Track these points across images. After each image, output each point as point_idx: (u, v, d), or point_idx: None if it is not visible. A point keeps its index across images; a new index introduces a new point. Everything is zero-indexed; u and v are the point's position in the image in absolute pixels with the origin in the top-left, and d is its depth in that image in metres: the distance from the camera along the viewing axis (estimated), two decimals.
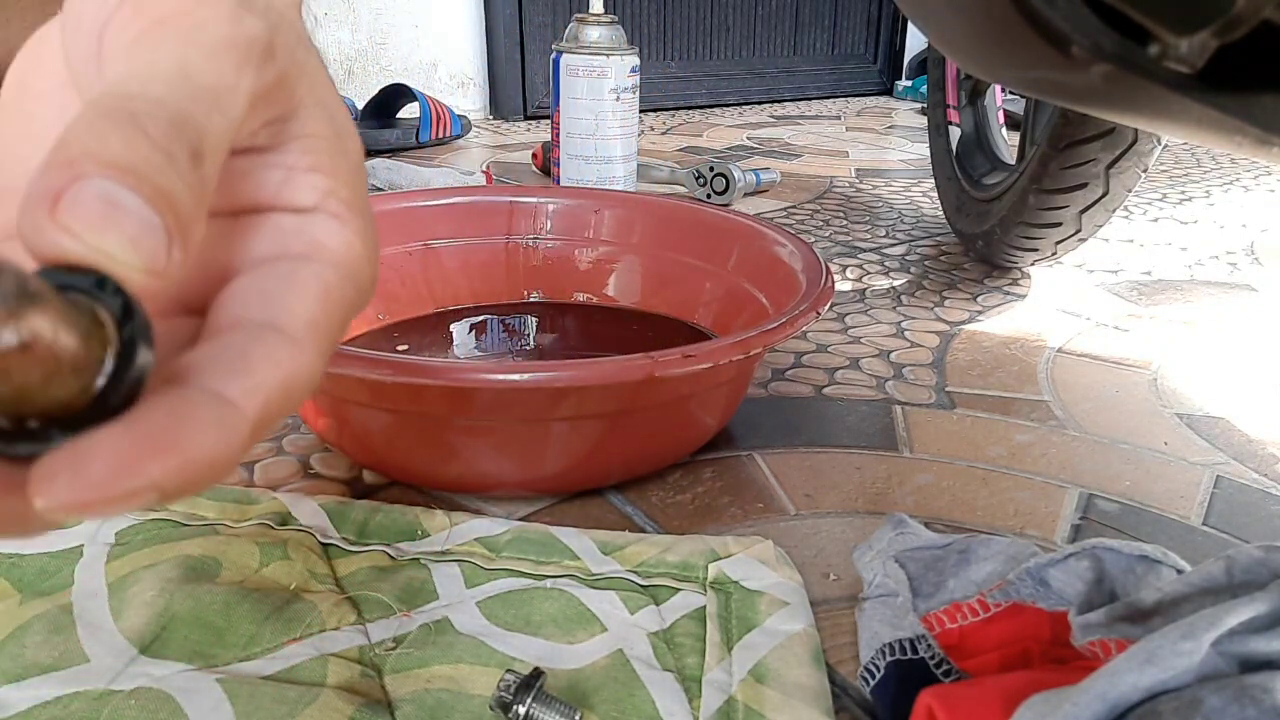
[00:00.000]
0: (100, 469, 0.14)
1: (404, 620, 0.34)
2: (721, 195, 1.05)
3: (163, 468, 0.14)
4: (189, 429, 0.15)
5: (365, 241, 0.20)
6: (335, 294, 0.19)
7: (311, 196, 0.20)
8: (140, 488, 0.14)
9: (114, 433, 0.14)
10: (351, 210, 0.20)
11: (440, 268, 0.62)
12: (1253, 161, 1.40)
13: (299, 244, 0.19)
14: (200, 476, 0.15)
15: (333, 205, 0.20)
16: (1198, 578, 0.26)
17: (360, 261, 0.20)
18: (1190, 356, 0.65)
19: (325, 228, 0.19)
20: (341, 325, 0.19)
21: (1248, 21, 0.30)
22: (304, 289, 0.18)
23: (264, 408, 0.16)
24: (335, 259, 0.19)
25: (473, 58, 1.69)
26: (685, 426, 0.46)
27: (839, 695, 0.32)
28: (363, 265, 0.20)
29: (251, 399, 0.16)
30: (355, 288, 0.19)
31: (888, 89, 2.21)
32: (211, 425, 0.15)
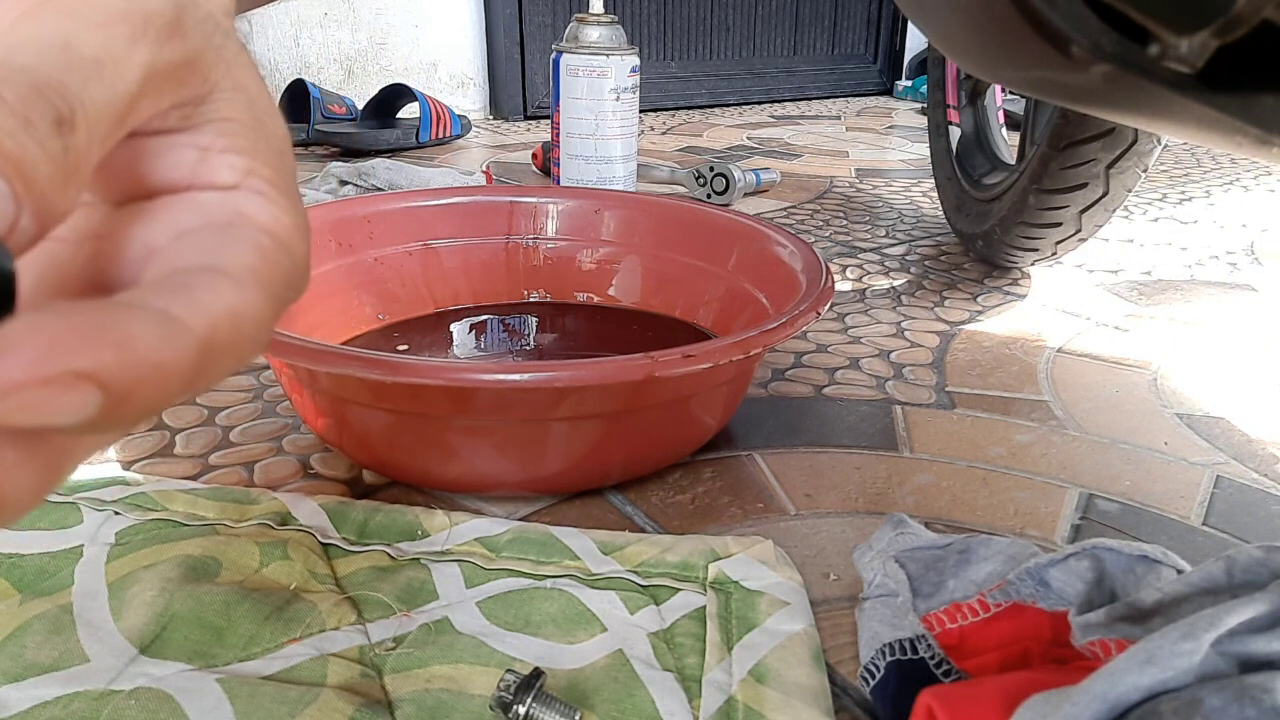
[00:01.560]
0: (31, 348, 0.12)
1: (404, 620, 0.34)
2: (721, 195, 1.05)
3: (98, 357, 0.13)
4: (129, 322, 0.13)
5: (295, 219, 0.19)
6: (271, 256, 0.18)
7: (231, 175, 0.18)
8: (77, 372, 0.13)
9: (45, 318, 0.13)
10: (276, 189, 0.19)
11: (440, 268, 0.62)
12: (1253, 161, 1.40)
13: (223, 214, 0.18)
14: (144, 380, 0.13)
15: (255, 183, 0.18)
16: (1198, 578, 0.26)
17: (291, 236, 0.18)
18: (1190, 356, 0.65)
19: (249, 201, 0.18)
20: (281, 293, 0.18)
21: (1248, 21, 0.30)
22: (239, 243, 0.17)
23: (211, 330, 0.15)
24: (264, 228, 0.18)
25: (473, 58, 1.69)
26: (685, 426, 0.46)
27: (839, 695, 0.32)
28: (294, 240, 0.19)
29: (198, 317, 0.15)
30: (290, 260, 0.18)
31: (888, 89, 2.21)
32: (155, 325, 0.14)
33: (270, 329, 0.17)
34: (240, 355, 0.16)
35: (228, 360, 0.16)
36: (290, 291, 0.18)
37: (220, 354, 0.15)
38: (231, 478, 0.44)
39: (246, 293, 0.16)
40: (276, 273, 0.17)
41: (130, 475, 0.43)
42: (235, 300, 0.16)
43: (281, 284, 0.18)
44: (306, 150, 1.31)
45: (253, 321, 0.16)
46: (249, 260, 0.17)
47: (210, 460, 0.46)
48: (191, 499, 0.41)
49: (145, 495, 0.41)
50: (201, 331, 0.15)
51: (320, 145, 1.31)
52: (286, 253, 0.18)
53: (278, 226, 0.18)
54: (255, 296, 0.16)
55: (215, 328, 0.15)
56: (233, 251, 0.17)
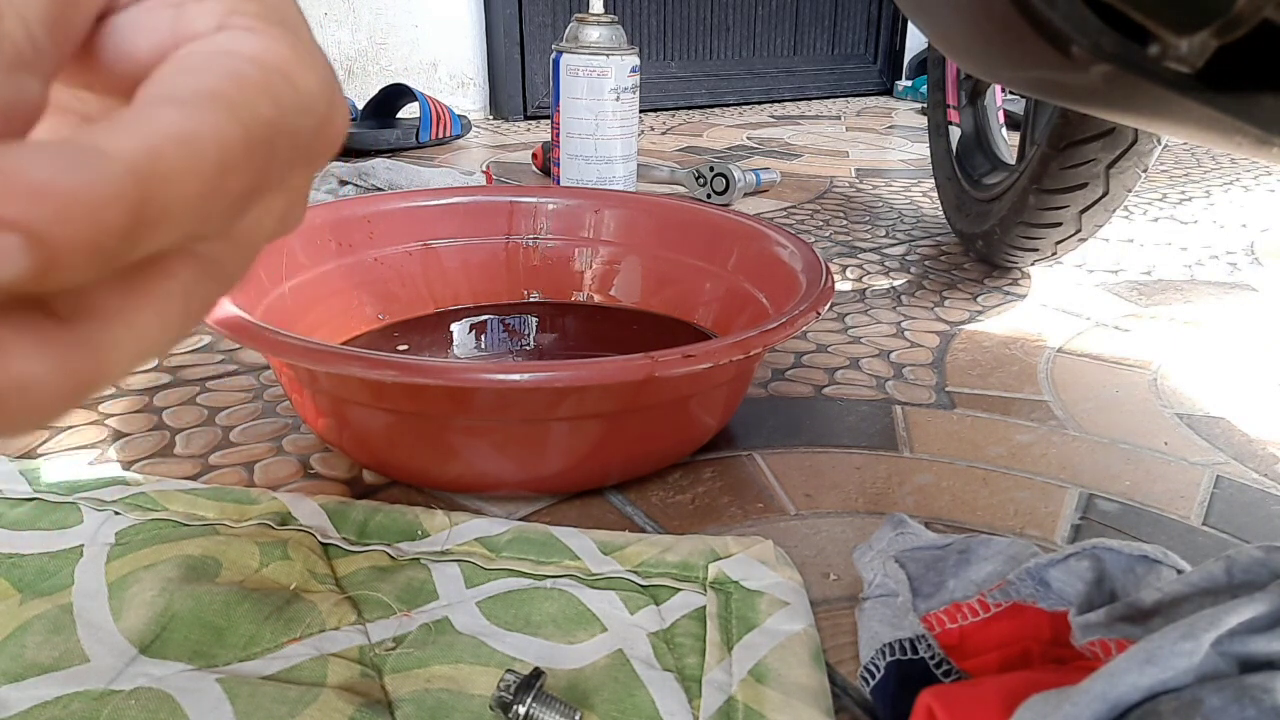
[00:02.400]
0: None
1: (404, 620, 0.34)
2: (721, 195, 1.05)
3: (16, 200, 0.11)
4: (27, 158, 0.12)
5: (295, 50, 0.16)
6: (253, 81, 0.15)
7: (210, 20, 0.16)
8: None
9: None
10: (266, 21, 0.16)
11: (440, 268, 0.62)
12: (1253, 161, 1.40)
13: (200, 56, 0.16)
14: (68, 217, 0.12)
15: (239, 20, 0.16)
16: (1198, 578, 0.26)
17: (291, 64, 0.16)
18: (1190, 356, 0.65)
19: (234, 38, 0.16)
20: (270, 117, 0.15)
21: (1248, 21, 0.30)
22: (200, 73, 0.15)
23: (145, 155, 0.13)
24: (251, 57, 0.15)
25: (473, 58, 1.69)
26: (685, 426, 0.46)
27: (839, 695, 0.32)
28: (296, 69, 0.16)
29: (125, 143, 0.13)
30: (291, 88, 0.16)
31: (888, 89, 2.21)
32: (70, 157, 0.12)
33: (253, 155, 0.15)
34: (209, 183, 0.14)
35: (191, 189, 0.14)
36: (294, 116, 0.16)
37: (173, 183, 0.13)
38: (231, 478, 0.44)
39: (197, 113, 0.14)
40: (260, 97, 0.15)
41: (130, 475, 0.43)
42: (179, 121, 0.14)
43: (271, 110, 0.15)
44: None
45: (213, 142, 0.14)
46: (209, 84, 0.15)
47: (210, 460, 0.46)
48: (191, 499, 0.41)
49: (145, 495, 0.41)
50: (128, 156, 0.13)
51: None
52: (282, 78, 0.16)
53: (268, 54, 0.16)
54: (211, 116, 0.14)
55: (152, 152, 0.13)
56: (188, 80, 0.15)
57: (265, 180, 0.15)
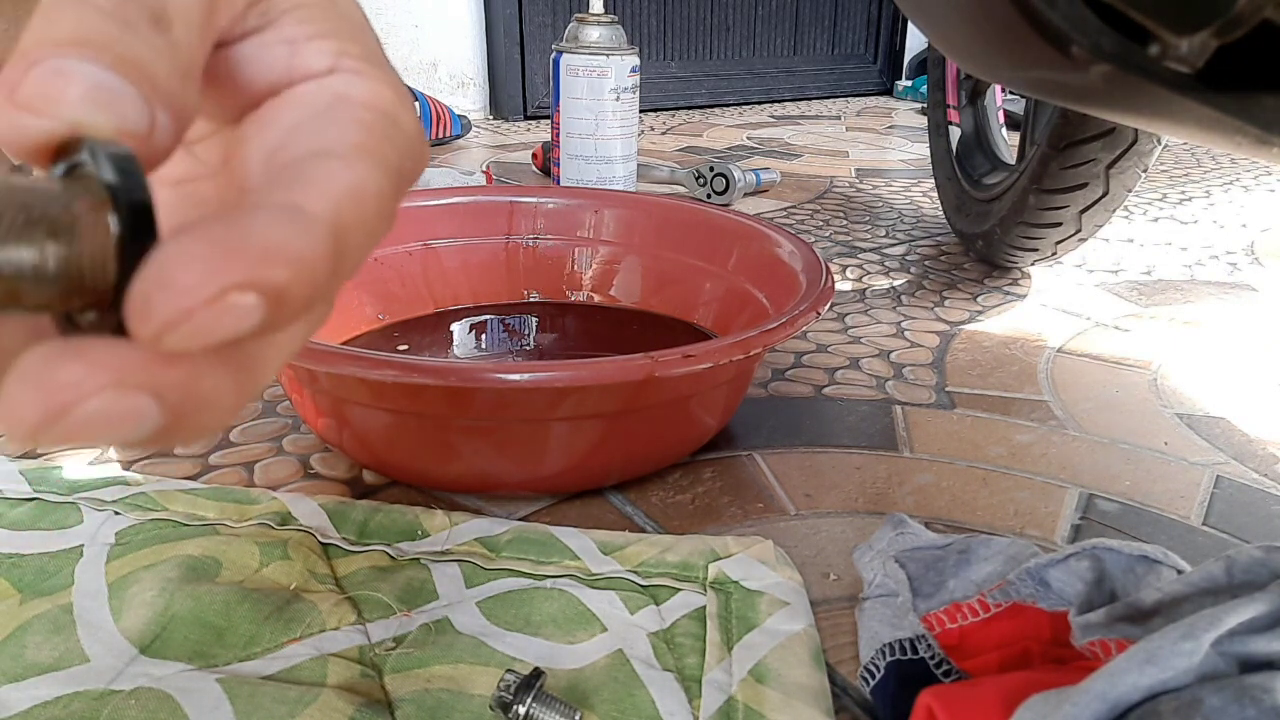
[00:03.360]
0: (188, 275, 0.13)
1: (404, 620, 0.34)
2: (721, 195, 1.05)
3: (248, 266, 0.13)
4: (263, 225, 0.14)
5: (396, 91, 0.18)
6: (376, 129, 0.17)
7: (324, 60, 0.18)
8: (235, 285, 0.13)
9: (183, 243, 0.13)
10: (370, 64, 0.18)
11: (440, 268, 0.62)
12: (1253, 161, 1.40)
13: (324, 99, 0.18)
14: (294, 275, 0.14)
15: (348, 63, 0.18)
16: (1198, 578, 0.26)
17: (394, 106, 0.18)
18: (1190, 356, 0.65)
19: (346, 82, 0.18)
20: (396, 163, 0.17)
21: (1248, 21, 0.30)
22: (341, 123, 0.17)
23: (335, 211, 0.15)
24: (366, 103, 0.18)
25: (473, 58, 1.69)
26: (685, 426, 0.46)
27: (839, 695, 0.32)
28: (398, 110, 0.18)
29: (319, 203, 0.15)
30: (399, 130, 0.18)
31: (888, 89, 2.21)
32: (286, 221, 0.14)
33: (393, 202, 0.17)
34: (370, 232, 0.16)
35: (359, 239, 0.16)
36: (407, 161, 0.18)
37: (351, 234, 0.15)
38: (231, 478, 0.45)
39: (360, 168, 0.16)
40: (385, 144, 0.17)
41: (130, 475, 0.43)
42: (350, 178, 0.16)
43: (394, 154, 0.17)
44: None
45: (373, 196, 0.16)
46: (354, 138, 0.17)
47: (210, 460, 0.46)
48: (191, 499, 0.41)
49: (145, 495, 0.41)
50: (327, 215, 0.15)
51: None
52: (392, 123, 0.18)
53: (378, 100, 0.18)
54: (368, 171, 0.16)
55: (339, 209, 0.15)
56: (336, 132, 0.17)
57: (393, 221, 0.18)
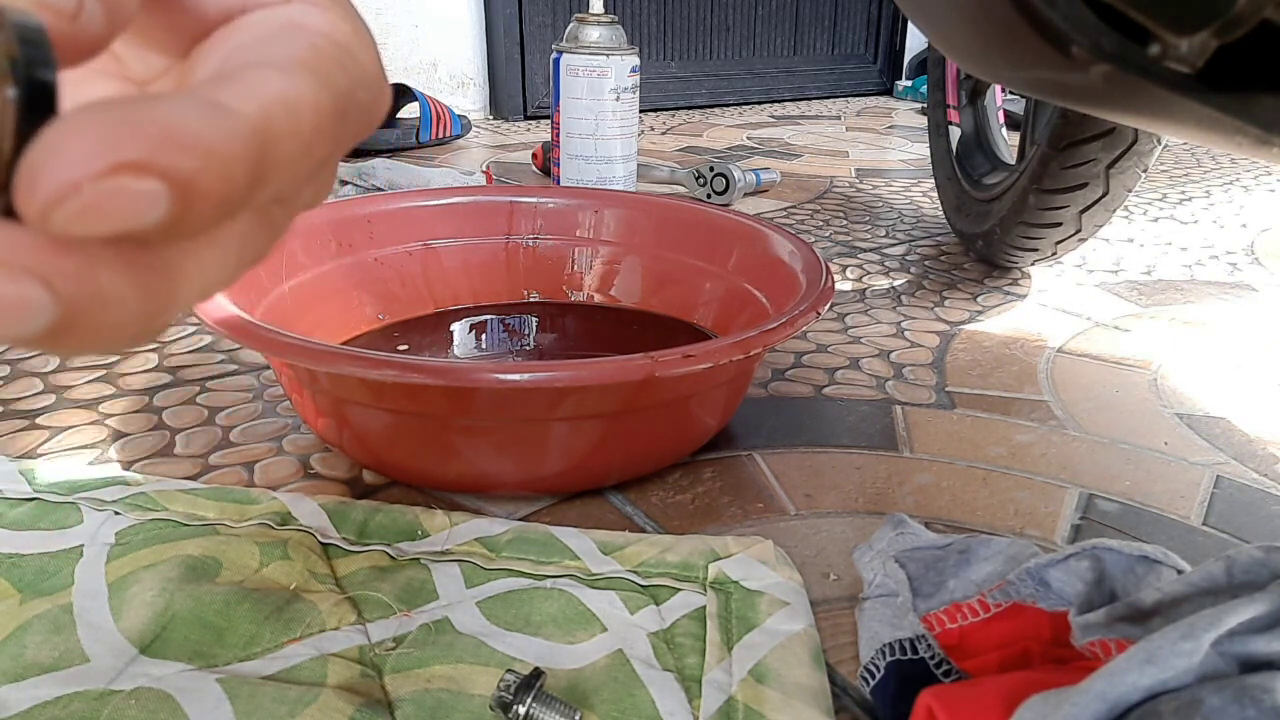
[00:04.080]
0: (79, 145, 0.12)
1: (404, 620, 0.34)
2: (721, 195, 1.05)
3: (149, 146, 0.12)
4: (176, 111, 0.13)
5: (355, 26, 0.18)
6: (326, 52, 0.17)
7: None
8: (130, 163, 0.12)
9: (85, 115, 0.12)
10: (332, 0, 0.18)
11: (440, 268, 0.62)
12: (1253, 161, 1.40)
13: (276, 24, 0.17)
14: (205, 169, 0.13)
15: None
16: (1198, 578, 0.26)
17: (350, 39, 0.18)
18: (1190, 356, 0.65)
19: (303, 11, 0.17)
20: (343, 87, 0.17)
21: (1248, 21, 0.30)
22: (287, 42, 0.16)
23: (262, 114, 0.14)
24: (320, 30, 0.17)
25: (473, 58, 1.69)
26: (685, 426, 0.46)
27: (839, 695, 0.32)
28: (354, 43, 0.18)
29: (246, 102, 0.14)
30: (352, 59, 0.17)
31: (888, 89, 2.21)
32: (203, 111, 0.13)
33: (337, 124, 0.16)
34: (304, 146, 0.15)
35: (290, 149, 0.15)
36: (360, 90, 0.17)
37: (280, 143, 0.14)
38: (231, 478, 0.45)
39: (297, 79, 0.15)
40: (333, 67, 0.16)
41: (130, 475, 0.43)
42: (285, 85, 0.15)
43: (343, 78, 0.17)
44: None
45: (310, 108, 0.15)
46: (299, 54, 0.16)
47: (210, 460, 0.46)
48: (191, 499, 0.41)
49: (145, 495, 0.41)
50: (252, 114, 0.14)
51: None
52: (345, 52, 0.17)
53: (334, 31, 0.17)
54: (308, 84, 0.15)
55: (267, 112, 0.14)
56: (280, 48, 0.16)
57: (338, 148, 0.17)
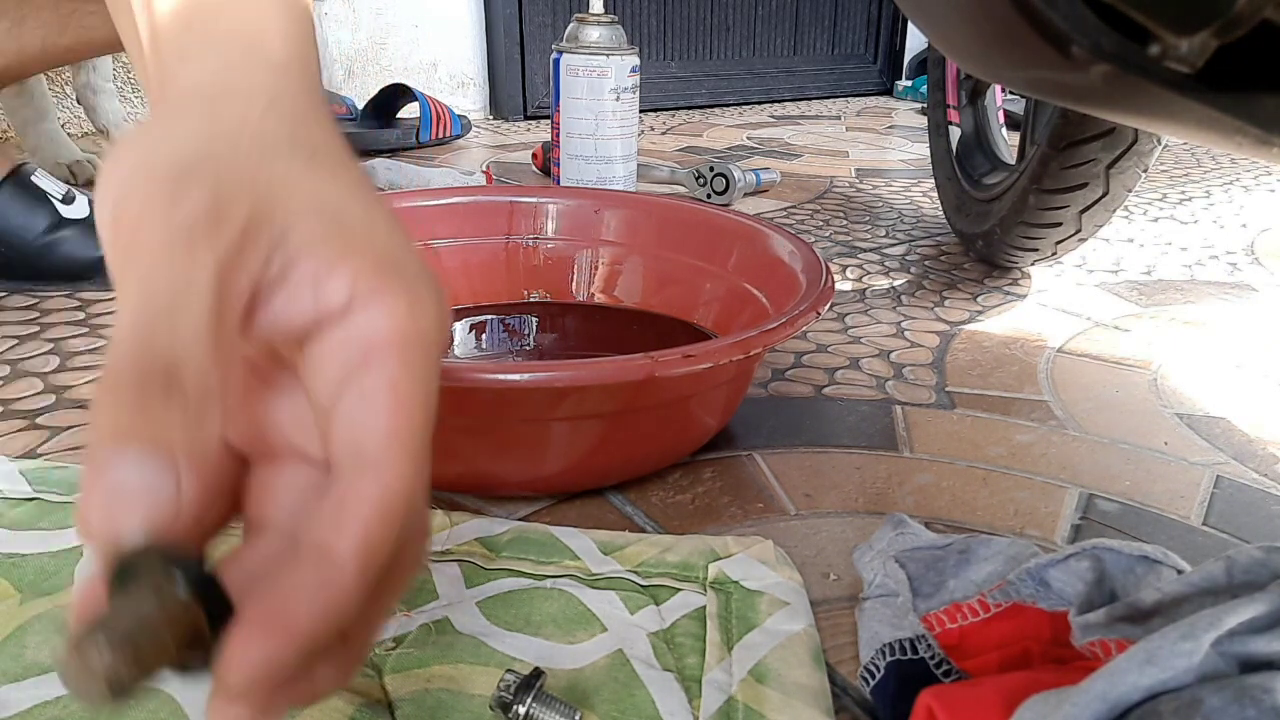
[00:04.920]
0: (246, 668, 0.17)
1: (404, 620, 0.34)
2: (721, 195, 1.05)
3: (280, 646, 0.17)
4: (293, 600, 0.18)
5: (410, 292, 0.21)
6: (404, 380, 0.20)
7: (342, 291, 0.20)
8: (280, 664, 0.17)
9: (237, 638, 0.17)
10: (382, 273, 0.20)
11: (440, 268, 0.62)
12: (1253, 161, 1.40)
13: (356, 351, 0.20)
14: (319, 623, 0.18)
15: (363, 284, 0.20)
16: (1198, 578, 0.26)
17: (411, 317, 0.20)
18: (1190, 356, 0.65)
19: (367, 317, 0.20)
20: (425, 394, 0.20)
21: (1248, 21, 0.30)
22: (374, 403, 0.19)
23: (364, 543, 0.18)
24: (389, 340, 0.20)
25: (473, 58, 1.69)
26: (685, 426, 0.46)
27: (839, 695, 0.32)
28: (418, 316, 0.20)
29: (348, 541, 0.18)
30: (423, 342, 0.20)
31: (888, 89, 2.21)
32: (312, 588, 0.18)
33: (420, 489, 0.20)
34: (400, 531, 0.19)
35: (391, 543, 0.19)
36: (433, 377, 0.21)
37: (379, 551, 0.19)
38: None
39: (387, 475, 0.19)
40: (414, 402, 0.20)
41: None
42: (378, 494, 0.19)
43: (422, 402, 0.20)
44: None
45: (401, 500, 0.19)
46: (386, 426, 0.19)
47: None
48: None
49: None
50: (354, 554, 0.18)
51: None
52: (418, 341, 0.20)
53: (398, 322, 0.20)
54: (394, 473, 0.19)
55: (368, 539, 0.18)
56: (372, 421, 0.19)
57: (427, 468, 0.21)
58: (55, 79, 1.28)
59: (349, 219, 0.21)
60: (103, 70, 1.12)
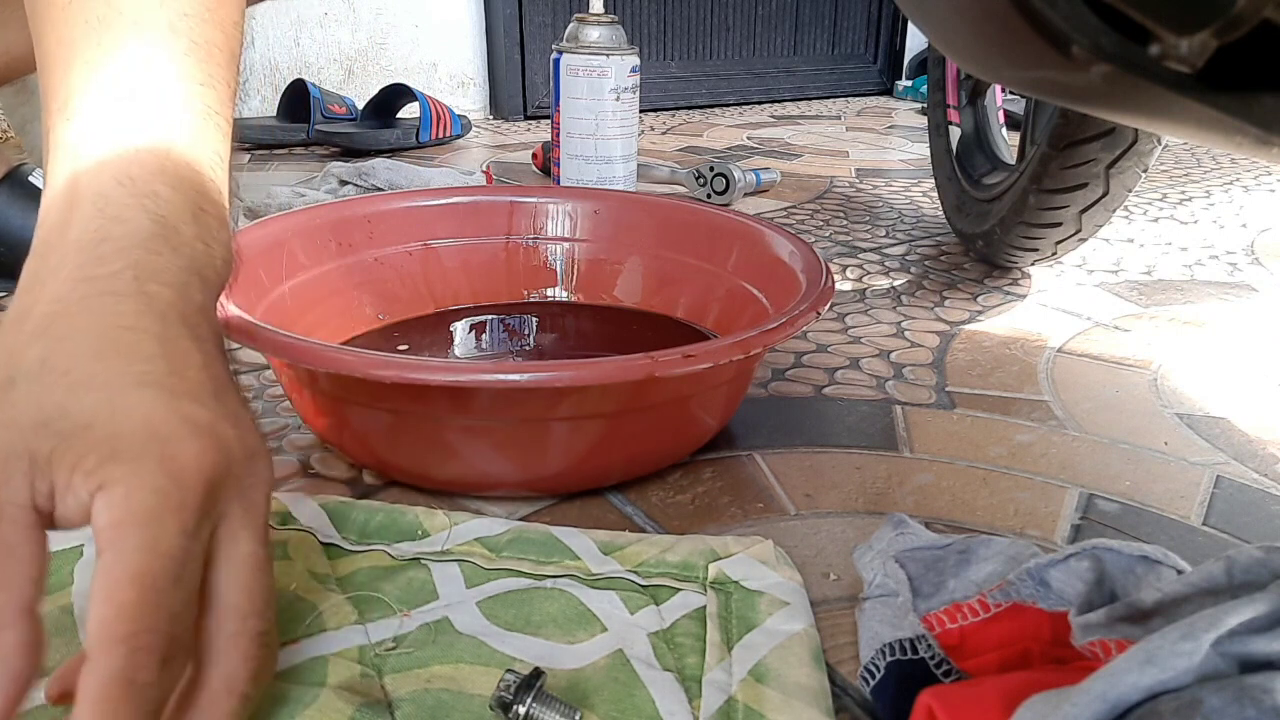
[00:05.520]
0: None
1: (404, 620, 0.34)
2: (721, 195, 1.05)
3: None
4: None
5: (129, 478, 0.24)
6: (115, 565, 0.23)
7: (82, 495, 0.24)
8: None
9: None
10: (101, 466, 0.24)
11: (440, 268, 0.62)
12: (1253, 161, 1.40)
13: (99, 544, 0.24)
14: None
15: (90, 483, 0.24)
16: (1198, 578, 0.26)
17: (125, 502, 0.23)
18: (1190, 356, 0.65)
19: (95, 513, 0.24)
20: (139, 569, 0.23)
21: (1248, 21, 0.30)
22: (94, 593, 0.23)
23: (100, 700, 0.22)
24: (104, 531, 0.24)
25: (473, 58, 1.69)
26: (685, 426, 0.46)
27: (839, 695, 0.32)
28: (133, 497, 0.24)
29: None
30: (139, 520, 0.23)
31: (888, 89, 2.21)
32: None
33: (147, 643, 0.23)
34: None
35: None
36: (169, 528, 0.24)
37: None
38: None
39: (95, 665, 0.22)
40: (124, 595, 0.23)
41: None
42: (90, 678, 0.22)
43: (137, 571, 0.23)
44: (307, 150, 1.31)
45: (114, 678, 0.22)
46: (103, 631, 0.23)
47: None
48: None
49: None
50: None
51: (320, 145, 1.31)
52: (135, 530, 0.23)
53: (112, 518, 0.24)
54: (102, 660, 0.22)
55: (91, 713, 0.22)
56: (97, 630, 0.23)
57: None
58: None
59: (89, 420, 0.24)
60: None
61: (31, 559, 0.23)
